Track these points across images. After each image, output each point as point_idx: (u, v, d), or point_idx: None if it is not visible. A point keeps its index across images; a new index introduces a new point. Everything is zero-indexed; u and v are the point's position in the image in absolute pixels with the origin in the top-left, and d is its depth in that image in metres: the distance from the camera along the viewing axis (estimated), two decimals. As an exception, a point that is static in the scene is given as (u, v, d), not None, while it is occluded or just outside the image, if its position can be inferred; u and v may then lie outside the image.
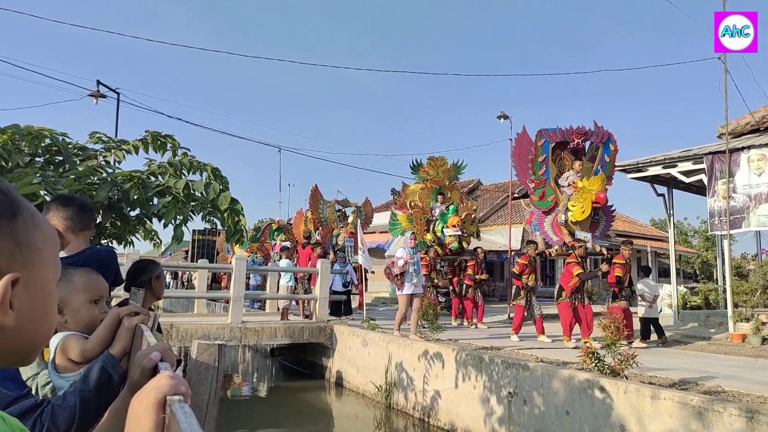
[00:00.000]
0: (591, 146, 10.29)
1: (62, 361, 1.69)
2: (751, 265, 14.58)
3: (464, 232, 12.58)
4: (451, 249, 12.41)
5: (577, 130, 9.97)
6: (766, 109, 12.31)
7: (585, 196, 9.42)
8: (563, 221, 9.81)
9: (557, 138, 10.00)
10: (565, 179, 9.97)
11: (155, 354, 1.11)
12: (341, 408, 9.44)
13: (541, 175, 10.04)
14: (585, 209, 9.45)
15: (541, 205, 10.20)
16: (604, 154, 10.15)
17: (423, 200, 13.11)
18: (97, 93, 15.65)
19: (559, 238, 9.93)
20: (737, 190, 10.06)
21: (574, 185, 9.66)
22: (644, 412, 4.94)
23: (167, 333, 9.18)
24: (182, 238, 2.95)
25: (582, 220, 9.57)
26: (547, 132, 9.94)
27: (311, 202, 16.46)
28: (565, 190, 9.90)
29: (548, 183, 10.06)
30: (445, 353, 7.45)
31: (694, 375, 6.02)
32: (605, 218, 10.27)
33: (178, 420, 0.72)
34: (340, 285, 12.37)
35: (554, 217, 10.05)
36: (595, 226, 9.95)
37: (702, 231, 21.12)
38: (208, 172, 3.16)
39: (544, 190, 10.12)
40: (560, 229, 9.91)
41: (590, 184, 9.48)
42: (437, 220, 12.83)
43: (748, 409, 4.30)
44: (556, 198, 10.05)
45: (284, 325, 10.49)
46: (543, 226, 10.21)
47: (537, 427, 5.96)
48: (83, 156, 3.02)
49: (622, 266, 8.91)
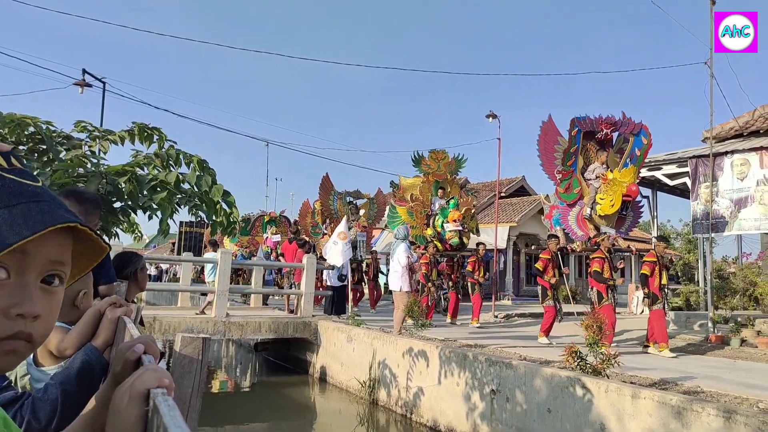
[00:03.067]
0: (619, 138, 9.75)
1: (42, 353, 1.67)
2: (732, 268, 14.80)
3: (465, 228, 12.29)
4: (451, 244, 12.12)
5: (607, 119, 9.46)
6: (749, 115, 12.50)
7: (615, 189, 8.85)
8: (588, 215, 9.32)
9: (587, 127, 9.46)
10: (591, 171, 9.46)
11: (138, 346, 1.10)
12: (324, 403, 9.44)
13: (569, 166, 9.48)
14: (615, 202, 8.86)
15: (566, 197, 9.66)
16: (634, 147, 9.61)
17: (423, 193, 12.80)
18: (82, 82, 15.44)
19: (584, 233, 9.41)
20: (720, 194, 10.20)
21: (603, 177, 9.10)
22: (625, 411, 5.00)
23: (150, 326, 9.10)
24: (168, 231, 2.92)
25: (609, 215, 9.07)
26: (579, 120, 9.34)
27: (321, 193, 15.66)
28: (592, 183, 9.39)
29: (575, 174, 9.55)
30: (429, 350, 7.48)
31: (673, 375, 6.10)
32: (632, 214, 9.69)
33: (161, 413, 0.71)
34: (336, 279, 11.99)
35: (579, 210, 9.54)
36: (621, 222, 9.46)
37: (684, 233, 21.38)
38: (195, 164, 3.13)
39: (570, 181, 9.58)
40: (585, 223, 9.43)
41: (622, 176, 8.91)
42: (437, 215, 12.53)
43: (725, 409, 4.37)
44: (581, 191, 9.54)
45: (269, 320, 10.45)
46: (567, 219, 9.67)
47: (519, 425, 6.01)
48: (68, 145, 2.98)
49: (651, 264, 8.30)
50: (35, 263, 0.71)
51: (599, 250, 8.49)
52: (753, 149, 10.01)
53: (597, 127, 9.47)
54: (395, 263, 9.20)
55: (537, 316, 14.12)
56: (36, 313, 0.70)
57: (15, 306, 0.68)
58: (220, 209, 2.96)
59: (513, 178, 26.52)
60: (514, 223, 22.42)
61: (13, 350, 0.70)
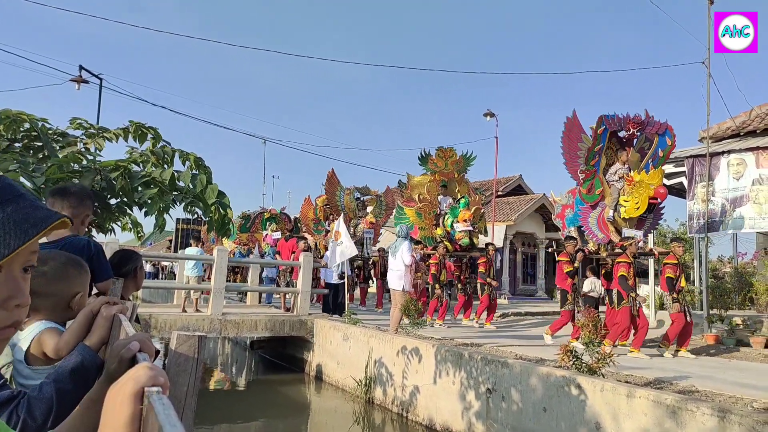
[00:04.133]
0: (641, 137, 9.45)
1: (37, 353, 1.66)
2: (727, 267, 14.85)
3: (475, 228, 12.04)
4: (461, 245, 11.84)
5: (635, 119, 9.11)
6: (746, 115, 12.54)
7: (641, 191, 8.60)
8: (611, 217, 9.06)
9: (615, 127, 9.18)
10: (614, 173, 9.21)
11: (134, 344, 1.09)
12: (320, 402, 9.44)
13: (592, 166, 9.18)
14: (640, 205, 8.63)
15: (589, 198, 9.34)
16: (658, 148, 9.34)
17: (431, 193, 12.46)
18: (79, 78, 15.40)
19: (605, 236, 9.14)
20: (716, 193, 10.24)
21: (628, 178, 8.85)
22: (620, 410, 5.02)
23: (145, 324, 9.08)
24: (164, 227, 2.92)
25: (633, 218, 8.88)
26: (607, 119, 9.03)
27: (327, 188, 15.37)
28: (615, 184, 9.16)
29: (597, 175, 9.26)
30: (425, 349, 7.48)
31: (669, 375, 6.12)
32: (652, 217, 9.49)
33: (155, 411, 0.71)
34: (335, 277, 11.62)
35: (600, 212, 9.26)
36: (642, 224, 9.26)
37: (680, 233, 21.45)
38: (191, 161, 3.12)
39: (592, 182, 9.29)
40: (607, 225, 9.15)
41: (649, 178, 8.66)
42: (446, 214, 12.21)
43: (720, 409, 4.39)
44: (603, 191, 9.26)
45: (264, 318, 10.44)
46: (587, 221, 9.40)
47: (514, 424, 6.02)
48: (63, 142, 2.97)
49: (673, 267, 8.19)
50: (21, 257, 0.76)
51: (624, 254, 8.27)
52: (749, 149, 10.06)
53: (625, 127, 9.20)
54: (398, 262, 9.01)
55: (534, 315, 14.17)
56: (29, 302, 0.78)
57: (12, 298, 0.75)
58: (216, 210, 2.96)
59: (510, 177, 26.57)
60: (511, 221, 22.44)
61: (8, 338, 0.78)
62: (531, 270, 25.72)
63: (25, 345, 1.66)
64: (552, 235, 23.29)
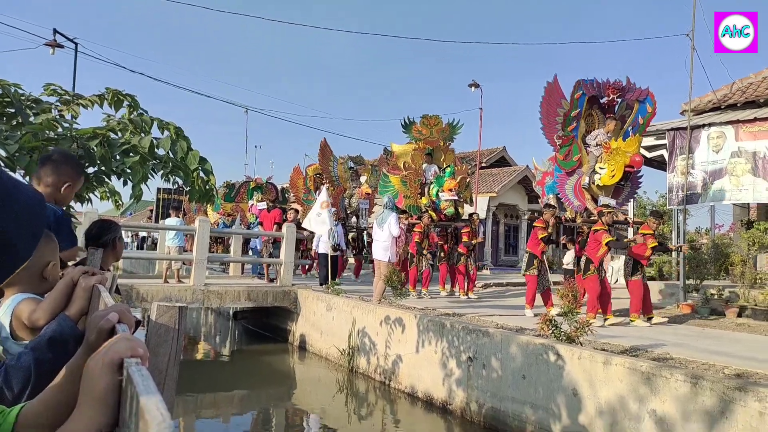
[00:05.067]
0: (621, 104, 9.23)
1: (19, 326, 1.63)
2: (704, 239, 15.16)
3: (460, 197, 11.89)
4: (446, 214, 11.68)
5: (614, 84, 8.94)
6: (728, 88, 12.64)
7: (618, 159, 8.51)
8: (587, 184, 8.96)
9: (593, 91, 8.94)
10: (593, 138, 9.04)
11: (112, 315, 1.08)
12: (304, 371, 9.55)
13: (570, 132, 8.93)
14: (616, 173, 8.54)
15: (565, 164, 9.17)
16: (638, 115, 9.13)
17: (415, 162, 12.19)
18: (53, 42, 14.93)
19: (581, 203, 9.04)
20: (696, 166, 10.38)
21: (605, 145, 8.74)
22: (596, 377, 5.15)
23: (127, 295, 9.04)
24: (141, 197, 2.87)
25: (608, 185, 8.82)
26: (585, 83, 8.79)
27: (320, 158, 14.88)
28: (593, 151, 9.01)
29: (575, 141, 9.03)
30: (407, 318, 7.57)
31: (644, 343, 6.28)
32: (630, 185, 9.39)
33: (134, 382, 0.70)
34: (328, 248, 11.07)
35: (577, 179, 9.12)
36: (619, 192, 9.20)
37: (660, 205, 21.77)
38: (171, 132, 3.06)
39: (570, 148, 9.07)
40: (583, 193, 9.02)
41: (626, 145, 8.54)
42: (432, 184, 12.01)
43: (693, 375, 4.52)
44: (581, 158, 9.09)
45: (247, 288, 10.45)
46: (564, 188, 9.24)
47: (494, 391, 6.16)
48: (37, 109, 2.88)
49: (648, 237, 8.22)
50: None
51: (600, 222, 8.17)
52: (729, 122, 10.17)
53: (604, 92, 9.00)
54: (385, 233, 8.89)
55: (516, 285, 14.36)
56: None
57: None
58: (197, 177, 2.91)
59: (494, 149, 26.59)
60: (494, 193, 22.56)
61: None
62: (513, 241, 26.01)
63: (6, 320, 1.63)
64: (535, 207, 23.49)
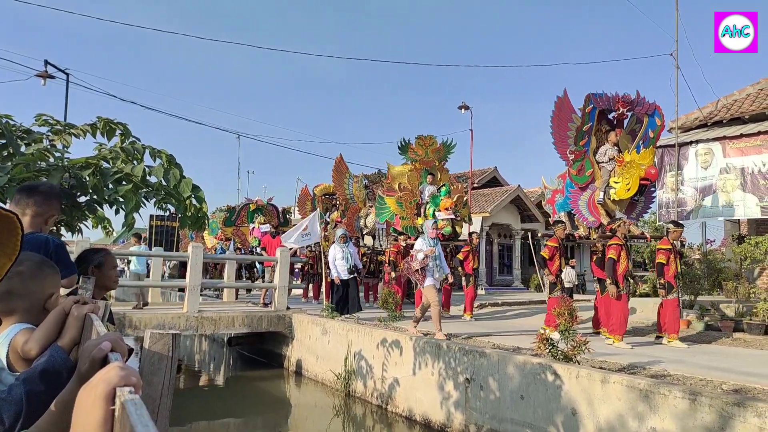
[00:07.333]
0: (632, 118, 9.15)
1: (16, 359, 1.61)
2: (696, 254, 15.23)
3: (457, 216, 11.79)
4: (443, 234, 11.42)
5: (624, 97, 8.84)
6: (713, 105, 12.84)
7: (632, 172, 8.32)
8: (601, 200, 8.81)
9: (603, 105, 8.87)
10: (603, 153, 8.92)
11: (105, 344, 1.07)
12: (300, 396, 9.43)
13: (582, 146, 8.85)
14: (631, 186, 8.33)
15: (579, 180, 9.01)
16: (648, 128, 9.00)
17: (412, 182, 12.16)
18: (45, 73, 15.00)
19: (596, 219, 8.86)
20: (685, 182, 10.49)
21: (618, 159, 8.56)
22: (595, 396, 5.12)
23: (120, 323, 8.94)
24: (133, 225, 2.86)
25: (624, 200, 8.61)
26: (595, 97, 8.71)
27: (335, 176, 14.59)
28: (605, 166, 8.87)
29: (587, 155, 8.93)
30: (404, 341, 7.52)
31: (641, 360, 6.26)
32: (644, 200, 9.13)
33: (128, 412, 0.70)
34: (345, 272, 10.63)
35: (591, 194, 8.97)
36: (632, 207, 8.98)
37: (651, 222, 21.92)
38: (163, 159, 3.07)
39: (582, 163, 8.94)
40: (597, 208, 8.87)
41: (640, 158, 8.36)
42: (428, 203, 11.96)
43: (691, 392, 4.51)
44: (593, 173, 8.96)
45: (242, 314, 10.37)
46: (578, 203, 9.09)
47: (493, 412, 6.10)
48: (28, 139, 2.89)
49: (666, 252, 8.01)
50: None
51: (615, 236, 8.05)
52: (716, 139, 10.32)
53: (613, 106, 8.94)
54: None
55: (510, 304, 14.32)
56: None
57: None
58: (190, 204, 2.91)
59: (485, 169, 26.75)
60: (486, 213, 22.62)
61: None
62: (507, 261, 26.00)
63: (3, 351, 1.61)
64: (528, 226, 23.56)
